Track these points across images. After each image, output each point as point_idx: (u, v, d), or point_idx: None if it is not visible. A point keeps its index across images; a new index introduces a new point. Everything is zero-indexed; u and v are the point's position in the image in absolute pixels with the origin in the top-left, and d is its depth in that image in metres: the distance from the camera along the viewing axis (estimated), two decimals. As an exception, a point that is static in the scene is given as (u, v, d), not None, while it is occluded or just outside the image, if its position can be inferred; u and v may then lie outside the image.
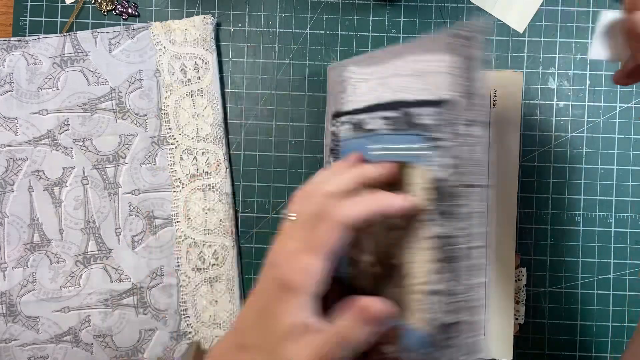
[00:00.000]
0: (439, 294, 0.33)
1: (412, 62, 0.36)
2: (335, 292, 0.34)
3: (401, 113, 0.36)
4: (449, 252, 0.33)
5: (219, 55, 0.49)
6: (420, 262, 0.33)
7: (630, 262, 0.48)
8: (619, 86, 0.48)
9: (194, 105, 0.48)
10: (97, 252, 0.48)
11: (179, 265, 0.48)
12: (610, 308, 0.48)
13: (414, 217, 0.34)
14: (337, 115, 0.42)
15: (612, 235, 0.48)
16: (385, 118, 0.37)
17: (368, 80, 0.39)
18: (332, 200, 0.31)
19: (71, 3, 0.49)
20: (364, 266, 0.37)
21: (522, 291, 0.48)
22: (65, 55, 0.48)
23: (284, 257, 0.30)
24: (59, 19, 0.49)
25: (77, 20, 0.49)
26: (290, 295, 0.29)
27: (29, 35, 0.49)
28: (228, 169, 0.49)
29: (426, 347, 0.33)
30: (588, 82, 0.48)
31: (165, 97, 0.48)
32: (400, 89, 0.36)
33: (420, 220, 0.33)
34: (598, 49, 0.32)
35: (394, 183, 0.35)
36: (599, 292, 0.48)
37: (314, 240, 0.30)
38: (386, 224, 0.35)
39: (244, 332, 0.31)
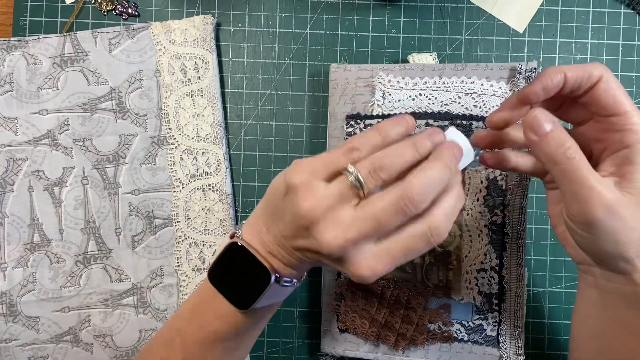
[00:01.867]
0: (485, 270, 0.45)
1: (464, 83, 0.45)
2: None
3: (450, 123, 0.45)
4: (497, 235, 0.44)
5: (219, 55, 0.49)
6: (475, 246, 0.45)
7: (630, 262, 0.48)
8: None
9: (194, 105, 0.48)
10: (97, 252, 0.48)
11: (179, 265, 0.48)
12: (610, 308, 0.48)
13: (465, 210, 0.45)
14: (358, 117, 0.44)
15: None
16: (430, 125, 0.45)
17: (404, 90, 0.45)
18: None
19: (71, 3, 0.49)
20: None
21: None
22: (65, 55, 0.48)
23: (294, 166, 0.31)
24: (59, 19, 0.49)
25: (77, 20, 0.49)
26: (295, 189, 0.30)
27: (29, 35, 0.49)
28: (228, 169, 0.49)
29: (473, 315, 0.45)
30: (588, 82, 0.48)
31: (165, 97, 0.48)
32: (449, 102, 0.45)
33: (481, 211, 0.44)
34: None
35: None
36: (599, 292, 0.48)
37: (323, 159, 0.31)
38: None
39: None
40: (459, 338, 0.45)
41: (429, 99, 0.45)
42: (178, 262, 0.48)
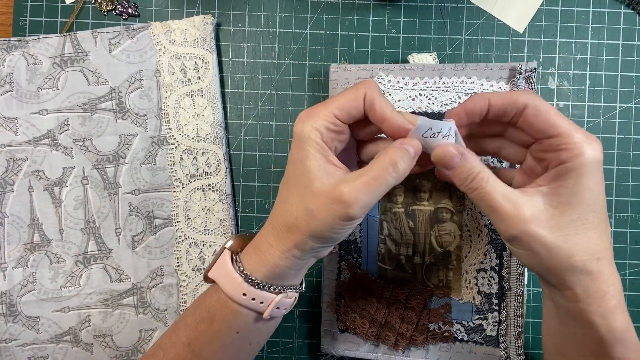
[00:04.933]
0: (485, 270, 0.45)
1: (463, 83, 0.45)
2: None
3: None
4: (497, 235, 0.44)
5: (219, 55, 0.49)
6: (475, 246, 0.45)
7: (630, 262, 0.48)
8: (618, 86, 0.48)
9: (194, 105, 0.48)
10: (97, 252, 0.48)
11: (179, 265, 0.48)
12: (610, 308, 0.48)
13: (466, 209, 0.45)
14: None
15: (612, 235, 0.48)
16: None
17: (404, 90, 0.45)
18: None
19: (71, 3, 0.49)
20: (403, 258, 0.46)
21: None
22: (65, 55, 0.48)
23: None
24: (59, 19, 0.49)
25: (77, 20, 0.49)
26: (302, 142, 0.33)
27: (29, 35, 0.49)
28: (228, 169, 0.49)
29: (473, 315, 0.45)
30: (588, 82, 0.49)
31: (165, 97, 0.48)
32: (449, 102, 0.45)
33: (482, 211, 0.44)
34: None
35: None
36: (598, 292, 0.48)
37: (328, 100, 0.34)
38: (435, 218, 0.45)
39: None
40: (459, 338, 0.45)
41: (429, 99, 0.45)
42: (178, 262, 0.48)
